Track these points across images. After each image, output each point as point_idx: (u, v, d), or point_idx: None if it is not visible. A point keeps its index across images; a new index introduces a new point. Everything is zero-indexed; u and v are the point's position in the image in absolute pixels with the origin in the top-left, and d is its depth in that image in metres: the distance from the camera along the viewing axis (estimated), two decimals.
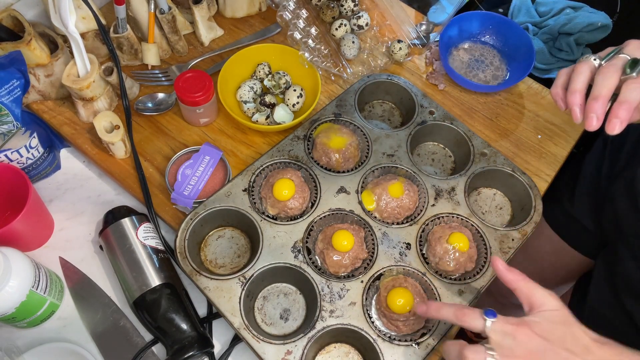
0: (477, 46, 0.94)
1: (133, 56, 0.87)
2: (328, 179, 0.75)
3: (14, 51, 0.72)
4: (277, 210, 0.72)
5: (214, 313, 0.71)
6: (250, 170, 0.74)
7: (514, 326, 0.55)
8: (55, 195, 0.79)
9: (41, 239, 0.75)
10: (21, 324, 0.67)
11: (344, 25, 0.90)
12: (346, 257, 0.68)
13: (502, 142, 0.86)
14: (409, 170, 0.76)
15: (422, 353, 0.64)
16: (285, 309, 0.69)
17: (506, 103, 0.90)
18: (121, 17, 0.80)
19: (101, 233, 0.71)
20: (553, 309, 0.56)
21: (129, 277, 0.68)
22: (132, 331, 0.69)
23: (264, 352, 0.62)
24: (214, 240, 0.74)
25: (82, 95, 0.78)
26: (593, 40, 0.97)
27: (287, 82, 0.86)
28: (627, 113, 0.56)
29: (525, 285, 0.58)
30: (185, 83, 0.78)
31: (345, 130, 0.78)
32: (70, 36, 0.74)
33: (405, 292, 0.66)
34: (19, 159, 0.74)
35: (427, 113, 0.81)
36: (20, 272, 0.62)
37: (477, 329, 0.56)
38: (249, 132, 0.84)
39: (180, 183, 0.74)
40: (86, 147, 0.81)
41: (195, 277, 0.66)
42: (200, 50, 0.92)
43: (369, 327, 0.65)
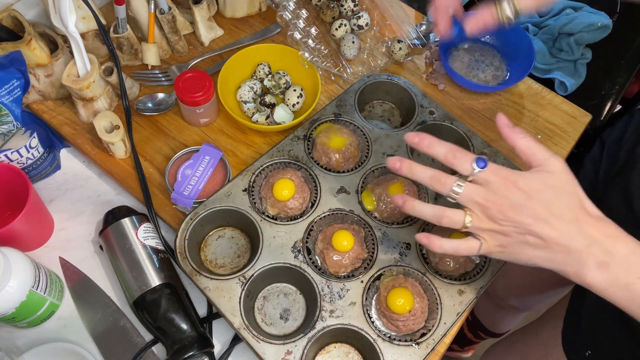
0: (477, 46, 0.94)
1: (133, 56, 0.87)
2: (328, 179, 0.75)
3: (14, 51, 0.72)
4: (277, 210, 0.72)
5: (214, 313, 0.71)
6: (250, 170, 0.74)
7: (500, 178, 0.53)
8: (55, 195, 0.79)
9: (41, 239, 0.75)
10: (21, 324, 0.67)
11: (344, 25, 0.90)
12: (346, 257, 0.68)
13: (502, 142, 0.84)
14: None
15: (422, 353, 0.64)
16: (285, 309, 0.69)
17: (506, 103, 0.90)
18: (121, 17, 0.80)
19: (101, 233, 0.71)
20: (551, 170, 0.54)
21: (129, 277, 0.68)
22: (132, 331, 0.69)
23: (264, 352, 0.62)
24: (214, 240, 0.74)
25: (82, 95, 0.78)
26: (593, 41, 0.97)
27: (287, 82, 0.86)
28: None
29: (526, 143, 0.55)
30: (185, 83, 0.78)
31: (345, 130, 0.78)
32: (70, 36, 0.74)
33: (405, 292, 0.66)
34: (19, 159, 0.74)
35: (427, 113, 0.81)
36: (20, 272, 0.62)
37: (463, 173, 0.54)
38: (249, 132, 0.84)
39: (180, 183, 0.74)
40: (86, 147, 0.81)
41: (195, 277, 0.66)
42: (201, 51, 0.92)
43: (369, 327, 0.65)
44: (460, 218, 0.55)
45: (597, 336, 0.72)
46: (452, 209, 0.55)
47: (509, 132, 0.56)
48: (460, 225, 0.55)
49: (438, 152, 0.56)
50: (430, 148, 0.57)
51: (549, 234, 0.52)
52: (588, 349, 0.72)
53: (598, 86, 0.99)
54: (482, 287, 0.68)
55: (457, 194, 0.54)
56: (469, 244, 0.56)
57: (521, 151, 0.56)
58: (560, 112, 0.89)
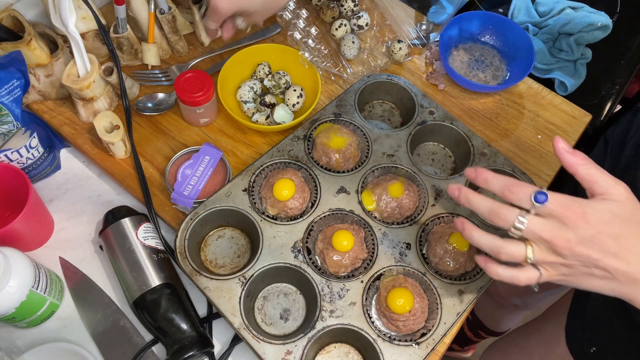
0: (477, 46, 0.94)
1: (133, 56, 0.87)
2: (328, 179, 0.75)
3: (14, 51, 0.72)
4: (277, 210, 0.72)
5: (214, 313, 0.71)
6: (250, 170, 0.74)
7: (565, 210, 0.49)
8: (55, 195, 0.79)
9: (41, 239, 0.75)
10: (21, 324, 0.67)
11: (344, 25, 0.90)
12: (346, 257, 0.68)
13: (502, 142, 0.86)
14: (409, 171, 0.76)
15: (422, 353, 0.64)
16: (285, 309, 0.69)
17: (506, 103, 0.90)
18: (121, 17, 0.80)
19: (101, 233, 0.71)
20: (617, 199, 0.50)
21: (129, 277, 0.68)
22: (132, 331, 0.69)
23: (264, 352, 0.62)
24: (214, 240, 0.74)
25: (82, 95, 0.78)
26: (593, 40, 0.97)
27: (287, 82, 0.86)
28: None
29: (587, 170, 0.52)
30: (186, 83, 0.78)
31: (345, 130, 0.78)
32: (70, 36, 0.74)
33: (405, 292, 0.66)
34: (19, 159, 0.74)
35: (427, 113, 0.81)
36: (20, 272, 0.62)
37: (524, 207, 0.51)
38: (249, 132, 0.84)
39: (180, 183, 0.74)
40: (86, 147, 0.81)
41: (195, 277, 0.66)
42: (201, 51, 0.92)
43: (369, 327, 0.65)
44: (521, 252, 0.52)
45: (602, 333, 0.72)
46: (511, 242, 0.52)
47: (569, 159, 0.53)
48: (521, 260, 0.52)
49: (494, 187, 0.54)
50: (486, 184, 0.54)
51: (618, 267, 0.50)
52: (593, 345, 0.72)
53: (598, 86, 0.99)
54: (482, 287, 0.69)
55: (520, 230, 0.51)
56: (528, 275, 0.53)
57: (583, 179, 0.53)
58: (560, 112, 0.89)
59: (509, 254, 0.52)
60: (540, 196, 0.50)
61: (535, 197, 0.50)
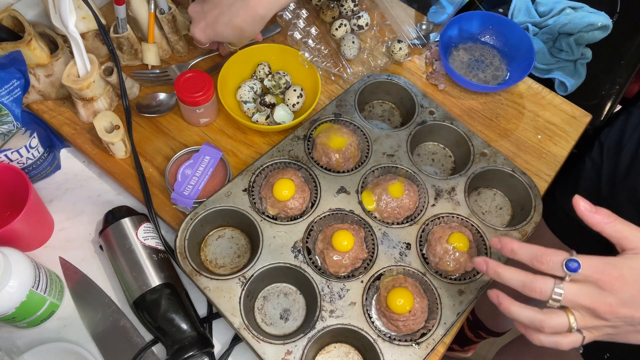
0: (477, 46, 0.94)
1: (133, 56, 0.87)
2: (328, 179, 0.75)
3: (14, 51, 0.72)
4: (277, 210, 0.72)
5: (214, 313, 0.71)
6: (250, 170, 0.74)
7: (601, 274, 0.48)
8: (55, 195, 0.79)
9: (41, 239, 0.75)
10: (21, 324, 0.67)
11: (344, 25, 0.90)
12: (346, 257, 0.68)
13: (502, 142, 0.86)
14: (409, 170, 0.76)
15: (422, 353, 0.64)
16: (285, 309, 0.69)
17: (506, 103, 0.90)
18: (121, 17, 0.80)
19: (101, 233, 0.71)
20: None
21: (129, 277, 0.68)
22: (132, 331, 0.69)
23: (264, 352, 0.62)
24: (214, 240, 0.74)
25: (82, 95, 0.78)
26: (593, 41, 0.96)
27: (287, 82, 0.86)
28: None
29: (614, 227, 0.51)
30: (186, 83, 0.78)
31: (345, 130, 0.78)
32: (70, 36, 0.74)
33: (405, 292, 0.66)
34: (19, 159, 0.74)
35: (427, 113, 0.81)
36: (20, 272, 0.62)
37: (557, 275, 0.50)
38: (249, 132, 0.84)
39: (180, 183, 0.74)
40: (86, 147, 0.81)
41: (195, 277, 0.66)
42: (200, 50, 0.92)
43: (369, 327, 0.65)
44: (564, 323, 0.50)
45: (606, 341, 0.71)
46: (552, 313, 0.51)
47: (594, 219, 0.52)
48: (565, 330, 0.51)
49: (522, 258, 0.53)
50: (514, 254, 0.53)
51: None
52: (606, 351, 0.72)
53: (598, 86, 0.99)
54: (482, 287, 0.68)
55: (558, 302, 0.50)
56: (571, 339, 0.52)
57: (611, 237, 0.52)
58: (561, 112, 0.89)
59: (553, 327, 0.51)
60: (572, 263, 0.49)
61: (567, 266, 0.49)
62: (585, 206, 0.53)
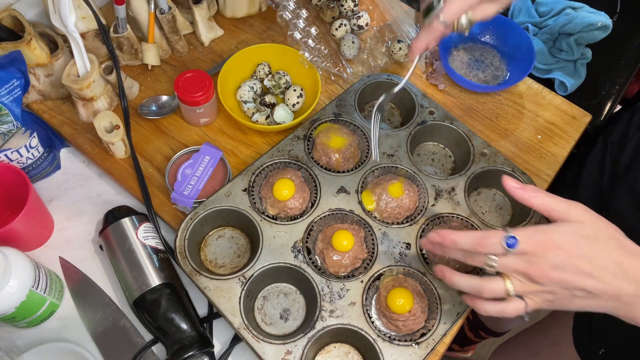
0: (477, 46, 0.94)
1: (133, 56, 0.87)
2: (328, 179, 0.75)
3: (14, 51, 0.72)
4: (277, 210, 0.72)
5: (214, 313, 0.71)
6: (250, 170, 0.74)
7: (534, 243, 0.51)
8: (55, 195, 0.79)
9: (41, 238, 0.75)
10: (21, 324, 0.67)
11: (344, 25, 0.90)
12: (346, 257, 0.68)
13: (502, 142, 0.86)
14: (409, 170, 0.76)
15: (422, 353, 0.64)
16: (285, 308, 0.69)
17: (506, 103, 0.90)
18: (121, 17, 0.80)
19: (101, 233, 0.71)
20: (578, 220, 0.52)
21: (129, 277, 0.68)
22: (132, 331, 0.69)
23: (264, 352, 0.62)
24: (213, 240, 0.74)
25: (82, 95, 0.78)
26: (593, 41, 0.96)
27: (287, 82, 0.86)
28: None
29: (541, 200, 0.54)
30: (185, 83, 0.78)
31: (345, 130, 0.78)
32: (70, 36, 0.74)
33: (405, 292, 0.66)
34: (19, 159, 0.74)
35: (427, 113, 0.81)
36: (20, 272, 0.62)
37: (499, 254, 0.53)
38: (249, 132, 0.84)
39: (180, 183, 0.74)
40: (86, 147, 0.81)
41: (195, 277, 0.66)
42: (201, 50, 0.92)
43: (369, 327, 0.65)
44: (502, 287, 0.53)
45: (610, 334, 0.71)
46: (490, 279, 0.54)
47: (520, 195, 0.55)
48: (503, 294, 0.54)
49: (464, 246, 0.55)
50: (456, 245, 0.56)
51: (596, 286, 0.51)
52: (601, 347, 0.72)
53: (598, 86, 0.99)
54: None
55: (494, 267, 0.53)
56: (514, 306, 0.54)
57: (539, 209, 0.55)
58: (560, 112, 0.89)
59: (491, 290, 0.54)
60: (511, 240, 0.52)
61: (507, 244, 0.52)
62: (512, 184, 0.55)
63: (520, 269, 0.52)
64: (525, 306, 0.54)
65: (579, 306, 0.53)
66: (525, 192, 0.55)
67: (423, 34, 0.61)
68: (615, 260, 0.51)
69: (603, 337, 0.73)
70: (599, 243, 0.52)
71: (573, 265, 0.51)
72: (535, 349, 0.90)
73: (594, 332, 0.74)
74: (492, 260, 0.53)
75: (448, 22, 0.58)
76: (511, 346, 1.02)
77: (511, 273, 0.53)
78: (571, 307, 0.54)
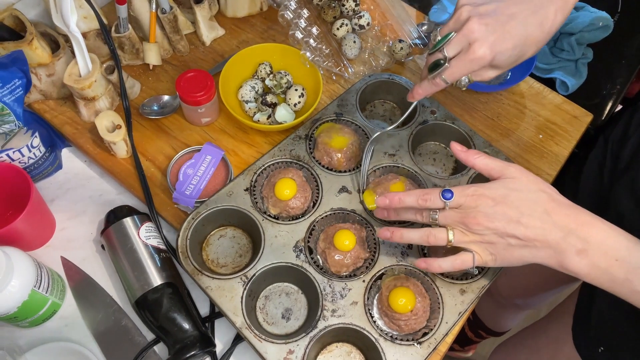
0: None
1: (134, 56, 0.87)
2: (329, 179, 0.75)
3: (16, 51, 0.72)
4: (278, 210, 0.72)
5: (215, 312, 0.71)
6: (251, 169, 0.74)
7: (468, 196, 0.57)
8: (57, 195, 0.79)
9: (43, 238, 0.75)
10: (23, 324, 0.67)
11: (345, 25, 0.90)
12: (348, 257, 0.68)
13: (504, 141, 0.86)
14: (411, 170, 0.76)
15: (424, 352, 0.64)
16: (287, 308, 0.69)
17: (507, 103, 0.90)
18: (123, 16, 0.80)
19: (103, 232, 0.71)
20: (512, 176, 0.58)
21: (130, 276, 0.68)
22: (134, 331, 0.69)
23: (266, 351, 0.62)
24: (215, 239, 0.74)
25: (83, 95, 0.78)
26: (594, 40, 0.96)
27: (289, 82, 0.86)
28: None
29: (482, 161, 0.60)
30: (187, 83, 0.78)
31: (346, 130, 0.78)
32: (71, 35, 0.74)
33: (407, 292, 0.66)
34: (21, 159, 0.74)
35: (429, 113, 0.81)
36: (22, 271, 0.62)
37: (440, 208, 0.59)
38: (251, 131, 0.84)
39: (182, 182, 0.75)
40: (88, 147, 0.81)
41: (197, 277, 0.66)
42: (202, 50, 0.92)
43: (371, 326, 0.65)
44: (444, 235, 0.59)
45: (609, 332, 0.72)
46: (436, 229, 0.60)
47: (465, 156, 0.61)
48: (445, 242, 0.59)
49: (410, 203, 0.61)
50: (402, 203, 0.61)
51: (525, 232, 0.55)
52: (600, 345, 0.72)
53: (599, 86, 0.99)
54: (483, 287, 0.69)
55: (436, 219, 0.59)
56: (462, 258, 0.60)
57: (480, 169, 0.60)
58: (562, 112, 0.89)
59: (435, 237, 0.59)
60: (447, 194, 0.58)
61: (443, 196, 0.58)
62: (457, 147, 0.62)
63: (457, 219, 0.58)
64: (472, 259, 0.59)
65: (518, 257, 0.57)
66: (468, 154, 0.61)
67: (426, 86, 0.66)
68: (543, 209, 0.55)
69: (602, 335, 0.73)
70: (528, 194, 0.56)
71: (502, 214, 0.55)
72: (535, 346, 0.90)
73: (593, 330, 0.74)
74: (435, 213, 0.59)
75: (450, 82, 0.63)
76: (511, 344, 1.02)
77: (451, 224, 0.58)
78: (512, 260, 0.58)
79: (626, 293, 0.55)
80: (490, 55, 0.60)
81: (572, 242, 0.54)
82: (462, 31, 0.60)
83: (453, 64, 0.61)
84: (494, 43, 0.59)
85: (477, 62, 0.60)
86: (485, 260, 0.59)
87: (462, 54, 0.61)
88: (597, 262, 0.54)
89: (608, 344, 0.72)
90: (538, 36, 0.61)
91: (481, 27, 0.59)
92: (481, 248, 0.58)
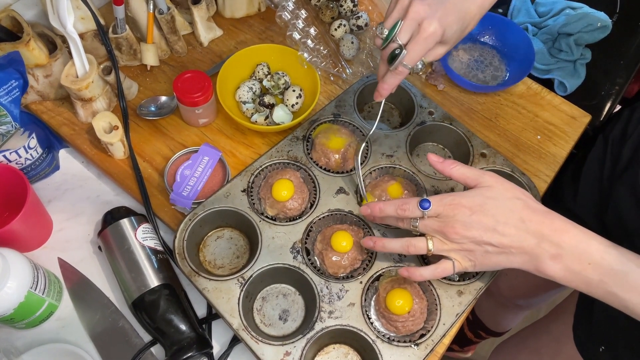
0: (477, 46, 0.94)
1: (132, 56, 0.87)
2: (327, 180, 0.74)
3: (13, 52, 0.72)
4: (276, 211, 0.72)
5: (213, 314, 0.71)
6: (249, 170, 0.74)
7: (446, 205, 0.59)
8: (54, 196, 0.79)
9: (40, 239, 0.75)
10: (20, 325, 0.67)
11: (343, 26, 0.90)
12: (345, 258, 0.68)
13: (502, 142, 0.86)
14: (407, 171, 0.76)
15: (421, 354, 0.64)
16: (284, 309, 0.69)
17: (505, 103, 0.90)
18: (120, 17, 0.80)
19: (100, 234, 0.71)
20: (487, 185, 0.59)
21: (127, 277, 0.68)
22: (131, 332, 0.69)
23: (263, 353, 0.62)
24: (212, 241, 0.74)
25: (80, 96, 0.78)
26: (593, 41, 0.96)
27: (286, 83, 0.85)
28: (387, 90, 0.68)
29: (458, 170, 0.62)
30: (184, 83, 0.78)
31: (344, 130, 0.78)
32: (68, 36, 0.74)
33: (404, 293, 0.66)
34: (18, 160, 0.74)
35: (427, 113, 0.81)
36: (18, 272, 0.62)
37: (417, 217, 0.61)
38: (248, 132, 0.84)
39: (179, 184, 0.74)
40: (85, 148, 0.80)
41: (194, 278, 0.66)
42: (200, 51, 0.92)
43: (368, 328, 0.65)
44: (423, 245, 0.60)
45: (610, 332, 0.72)
46: (416, 239, 0.61)
47: (442, 167, 0.63)
48: (425, 251, 0.61)
49: (389, 212, 0.63)
50: (382, 212, 0.64)
51: (501, 240, 0.57)
52: (601, 344, 0.72)
53: (598, 86, 0.99)
54: (480, 288, 0.68)
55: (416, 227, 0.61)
56: (443, 266, 0.61)
57: (457, 179, 0.62)
58: (560, 113, 0.89)
59: (415, 247, 0.61)
60: (425, 203, 0.59)
61: (421, 206, 0.59)
62: (434, 158, 0.64)
63: (436, 228, 0.59)
64: (453, 266, 0.60)
65: (496, 263, 0.59)
66: (444, 165, 0.63)
67: (390, 78, 0.67)
68: (518, 217, 0.57)
69: (603, 334, 0.73)
70: (503, 202, 0.58)
71: (478, 222, 0.57)
72: (535, 346, 0.90)
73: (594, 329, 0.74)
74: (416, 221, 0.61)
75: (411, 66, 0.64)
76: (511, 344, 1.02)
77: (430, 233, 0.60)
78: (490, 265, 0.60)
79: (602, 294, 0.56)
80: (441, 30, 0.61)
81: (546, 247, 0.56)
82: (408, 15, 0.61)
83: (410, 47, 0.62)
84: (441, 18, 0.61)
85: (431, 39, 0.61)
86: (465, 266, 0.61)
87: (415, 35, 0.62)
88: (571, 266, 0.56)
89: (609, 343, 0.72)
90: (474, 11, 0.63)
91: (425, 7, 0.61)
92: (460, 255, 0.60)
